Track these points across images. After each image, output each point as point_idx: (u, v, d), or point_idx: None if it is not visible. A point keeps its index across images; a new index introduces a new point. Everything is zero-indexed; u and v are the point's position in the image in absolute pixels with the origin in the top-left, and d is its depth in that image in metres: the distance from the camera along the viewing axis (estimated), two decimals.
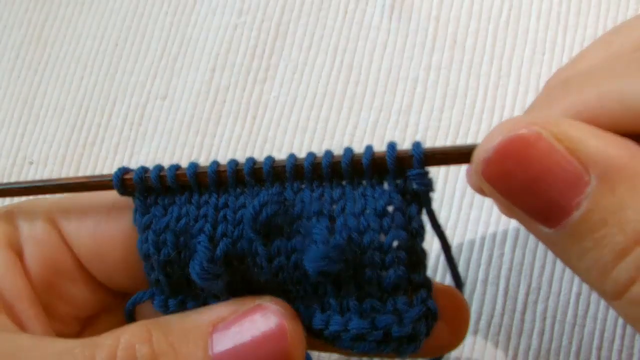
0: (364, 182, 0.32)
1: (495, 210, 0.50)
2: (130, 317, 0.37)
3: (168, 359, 0.29)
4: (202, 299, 0.34)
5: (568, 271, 0.48)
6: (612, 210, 0.26)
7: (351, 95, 0.55)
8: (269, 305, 0.31)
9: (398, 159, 0.31)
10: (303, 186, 0.33)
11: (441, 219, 0.50)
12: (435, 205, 0.34)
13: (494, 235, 0.49)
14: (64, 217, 0.36)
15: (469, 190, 0.51)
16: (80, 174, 0.58)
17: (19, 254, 0.36)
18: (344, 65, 0.56)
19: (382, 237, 0.31)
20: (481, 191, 0.37)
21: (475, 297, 0.48)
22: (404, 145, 0.48)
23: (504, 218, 0.50)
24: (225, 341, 0.30)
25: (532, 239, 0.49)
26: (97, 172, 0.58)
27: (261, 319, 0.30)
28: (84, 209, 0.36)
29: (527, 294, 0.48)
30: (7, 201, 0.57)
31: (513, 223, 0.49)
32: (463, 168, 0.51)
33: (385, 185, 0.32)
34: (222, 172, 0.33)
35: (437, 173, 0.52)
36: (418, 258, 0.32)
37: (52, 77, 0.61)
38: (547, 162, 0.26)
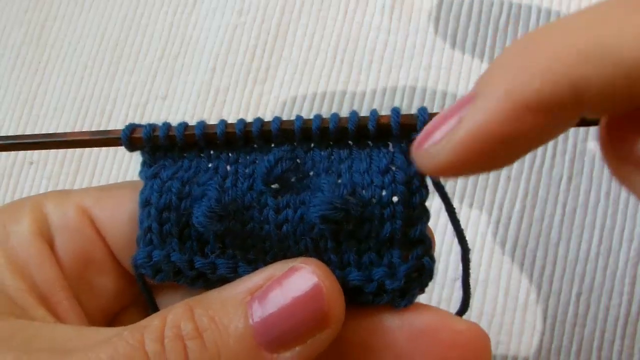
0: (370, 143, 0.34)
1: (496, 210, 0.50)
2: (143, 283, 0.37)
3: (212, 332, 0.30)
4: (187, 255, 0.34)
5: (568, 271, 0.48)
6: None
7: (351, 95, 0.55)
8: (302, 267, 0.31)
9: (402, 123, 0.33)
10: (312, 145, 0.34)
11: (441, 219, 0.50)
12: (435, 206, 0.34)
13: (494, 235, 0.50)
14: (98, 205, 0.36)
15: (469, 191, 0.51)
16: (81, 173, 0.58)
17: (50, 243, 0.35)
18: (344, 65, 0.56)
19: (384, 193, 0.33)
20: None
21: (476, 297, 0.48)
22: None
23: (504, 218, 0.50)
24: (263, 308, 0.30)
25: (532, 239, 0.49)
26: (98, 171, 0.58)
27: (296, 282, 0.31)
28: (118, 197, 0.37)
29: (527, 294, 0.48)
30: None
31: (513, 223, 0.49)
32: None
33: (391, 147, 0.34)
34: (231, 132, 0.34)
35: None
36: (416, 214, 0.33)
37: (52, 77, 0.62)
38: None
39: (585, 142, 0.51)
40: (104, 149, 0.58)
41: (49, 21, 0.63)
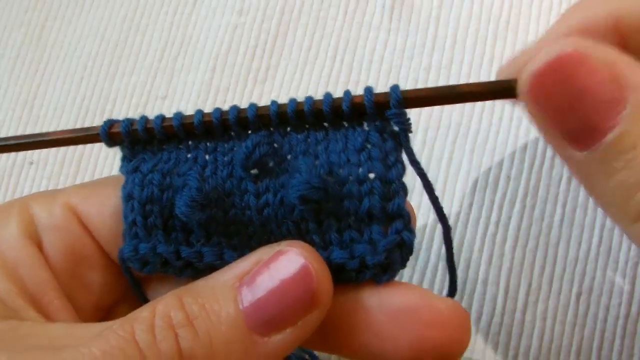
0: (345, 123, 0.35)
1: (495, 210, 0.50)
2: (131, 276, 0.37)
3: (203, 320, 0.30)
4: (173, 246, 0.35)
5: (568, 271, 0.48)
6: None
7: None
8: (289, 249, 0.32)
9: (376, 102, 0.33)
10: (289, 129, 0.35)
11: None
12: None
13: (494, 235, 0.50)
14: (84, 202, 0.37)
15: (469, 191, 0.51)
16: (81, 173, 0.58)
17: (38, 244, 0.36)
18: (344, 65, 0.56)
19: (360, 170, 0.33)
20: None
21: (475, 297, 0.48)
22: None
23: (504, 218, 0.50)
24: (253, 293, 0.31)
25: (532, 239, 0.49)
26: (98, 172, 0.58)
27: (284, 265, 0.31)
28: (104, 193, 0.37)
29: (527, 294, 0.48)
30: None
31: (513, 223, 0.49)
32: (463, 170, 0.51)
33: (365, 126, 0.34)
34: (208, 121, 0.34)
35: (438, 172, 0.52)
36: (393, 189, 0.34)
37: (52, 77, 0.62)
38: (590, 81, 0.28)
39: None
40: (103, 147, 0.58)
41: (49, 21, 0.64)
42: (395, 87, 0.33)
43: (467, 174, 0.51)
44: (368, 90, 0.33)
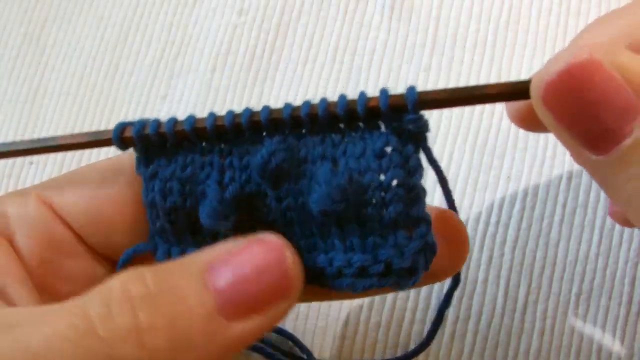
0: (361, 125, 0.34)
1: (496, 210, 0.50)
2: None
3: (165, 295, 0.28)
4: (201, 246, 0.35)
5: (568, 271, 0.48)
6: None
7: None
8: (264, 236, 0.31)
9: (392, 104, 0.32)
10: (304, 131, 0.34)
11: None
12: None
13: (494, 236, 0.50)
14: (57, 193, 0.37)
15: (469, 191, 0.51)
16: None
17: (9, 238, 0.36)
18: (344, 65, 0.56)
19: (382, 177, 0.33)
20: (522, 123, 0.39)
21: (475, 297, 0.48)
22: None
23: (504, 218, 0.50)
24: (225, 274, 0.30)
25: (532, 239, 0.49)
26: None
27: (260, 250, 0.31)
28: (77, 180, 0.37)
29: (527, 294, 0.48)
30: None
31: (512, 224, 0.49)
32: (463, 170, 0.51)
33: (383, 128, 0.33)
34: (221, 125, 0.34)
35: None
36: (416, 194, 0.33)
37: (52, 77, 0.62)
38: (605, 88, 0.28)
39: None
40: (104, 149, 0.58)
41: (49, 21, 0.63)
42: (411, 90, 0.32)
43: (467, 174, 0.51)
44: (384, 92, 0.33)
